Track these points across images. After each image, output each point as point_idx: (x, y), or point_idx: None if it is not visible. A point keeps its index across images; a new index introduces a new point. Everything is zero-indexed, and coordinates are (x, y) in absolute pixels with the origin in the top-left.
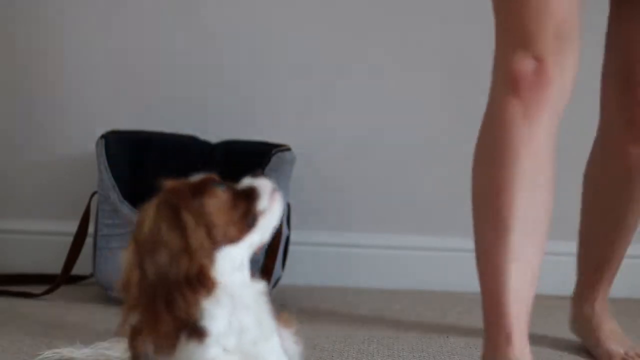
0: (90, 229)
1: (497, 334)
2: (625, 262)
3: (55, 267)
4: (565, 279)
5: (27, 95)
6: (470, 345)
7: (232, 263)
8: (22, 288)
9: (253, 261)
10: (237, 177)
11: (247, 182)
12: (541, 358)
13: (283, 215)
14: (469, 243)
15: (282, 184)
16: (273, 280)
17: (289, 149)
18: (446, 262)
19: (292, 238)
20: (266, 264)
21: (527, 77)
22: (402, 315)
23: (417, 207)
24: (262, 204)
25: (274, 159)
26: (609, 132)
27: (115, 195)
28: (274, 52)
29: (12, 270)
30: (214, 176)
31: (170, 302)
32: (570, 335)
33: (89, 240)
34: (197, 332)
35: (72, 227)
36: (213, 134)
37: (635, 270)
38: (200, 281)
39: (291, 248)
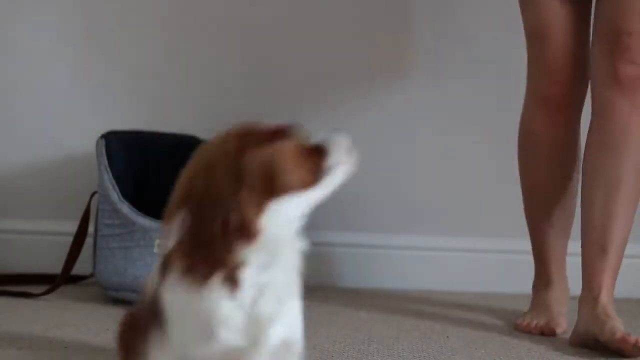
0: (90, 229)
1: (541, 277)
2: (625, 262)
3: (55, 267)
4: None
5: (27, 95)
6: (470, 345)
7: (285, 216)
8: (22, 288)
9: None
10: None
11: (323, 135)
12: (541, 358)
13: None
14: (470, 243)
15: None
16: None
17: None
18: (447, 262)
19: None
20: None
21: (551, 99)
22: (402, 315)
23: (417, 208)
24: (333, 159)
25: None
26: (600, 98)
27: (115, 195)
28: (274, 52)
29: (12, 270)
30: (291, 125)
31: (213, 236)
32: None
33: (89, 240)
34: (231, 281)
35: (72, 227)
36: (213, 134)
37: (636, 270)
38: (245, 227)
39: None
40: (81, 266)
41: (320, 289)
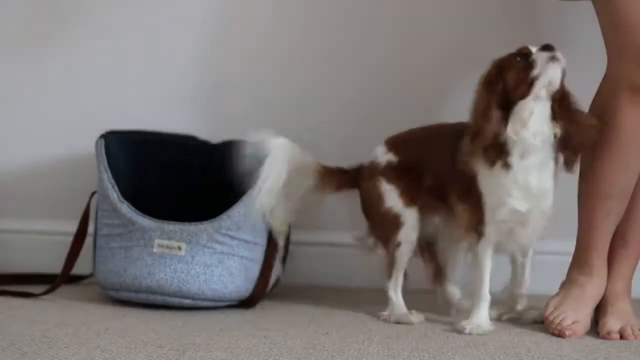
0: (90, 228)
1: (581, 264)
2: None
3: (55, 267)
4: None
5: (27, 95)
6: (470, 345)
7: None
8: (22, 288)
9: (253, 259)
10: (238, 177)
11: (536, 53)
12: (541, 358)
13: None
14: None
15: None
16: (273, 279)
17: None
18: None
19: (292, 238)
20: (266, 263)
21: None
22: None
23: None
24: (536, 71)
25: None
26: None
27: (114, 195)
28: (274, 52)
29: (12, 270)
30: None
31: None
32: None
33: (89, 240)
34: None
35: (72, 227)
36: (213, 134)
37: (636, 271)
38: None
39: (291, 248)
40: (81, 266)
41: (320, 288)
